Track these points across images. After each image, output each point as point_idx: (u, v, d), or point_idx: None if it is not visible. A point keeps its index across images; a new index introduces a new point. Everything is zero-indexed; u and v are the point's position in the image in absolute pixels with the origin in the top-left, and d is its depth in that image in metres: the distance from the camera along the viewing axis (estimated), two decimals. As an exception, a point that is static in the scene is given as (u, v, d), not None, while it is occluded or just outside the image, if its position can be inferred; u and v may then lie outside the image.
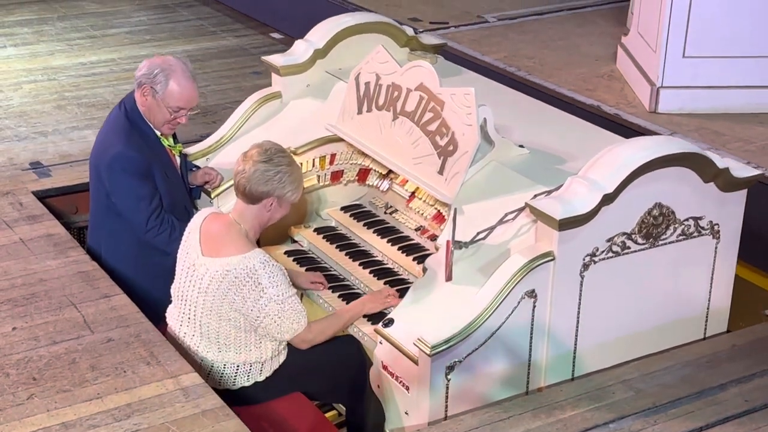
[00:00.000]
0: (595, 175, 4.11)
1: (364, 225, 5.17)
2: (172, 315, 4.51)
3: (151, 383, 4.10)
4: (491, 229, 4.28)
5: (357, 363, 4.53)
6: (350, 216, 5.27)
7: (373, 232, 5.09)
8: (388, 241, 5.00)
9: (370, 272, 4.88)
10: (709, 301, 4.66)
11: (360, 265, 4.94)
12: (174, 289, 4.47)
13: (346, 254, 5.04)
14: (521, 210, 4.26)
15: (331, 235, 5.21)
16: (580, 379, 4.39)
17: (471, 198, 4.46)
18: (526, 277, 4.04)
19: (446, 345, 3.96)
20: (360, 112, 5.01)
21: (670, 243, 4.32)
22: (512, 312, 4.06)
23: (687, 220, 4.32)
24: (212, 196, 5.21)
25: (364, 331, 4.52)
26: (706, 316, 4.71)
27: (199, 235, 4.28)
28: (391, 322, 4.23)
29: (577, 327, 4.25)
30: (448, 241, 4.25)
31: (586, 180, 4.10)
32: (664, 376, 4.39)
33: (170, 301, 4.54)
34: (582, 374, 4.40)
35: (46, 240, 5.14)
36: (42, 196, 5.67)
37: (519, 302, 4.06)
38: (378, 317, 4.42)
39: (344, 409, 4.61)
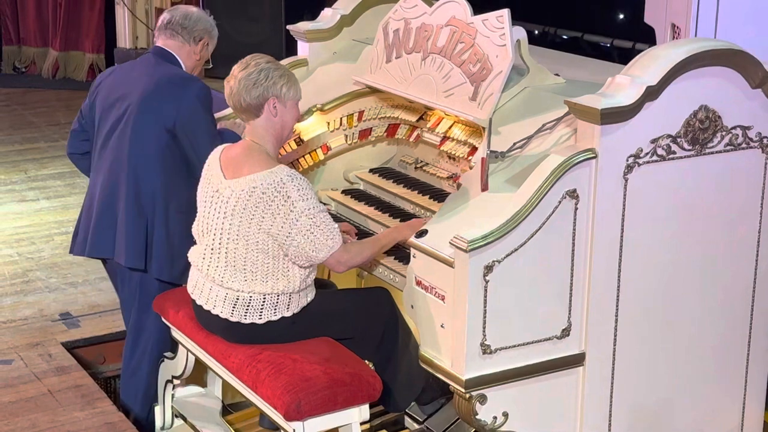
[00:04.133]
0: (638, 71, 3.91)
1: (394, 182, 4.98)
2: (194, 254, 4.33)
3: None
4: (528, 138, 4.08)
5: (388, 315, 4.35)
6: (379, 176, 5.08)
7: (403, 187, 4.90)
8: (419, 193, 4.81)
9: (401, 221, 4.66)
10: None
11: (391, 216, 4.74)
12: (195, 228, 4.32)
13: (376, 209, 4.85)
14: (560, 119, 4.06)
15: (360, 195, 5.03)
16: None
17: (506, 120, 4.27)
18: (567, 174, 3.80)
19: (484, 241, 3.71)
20: (389, 60, 4.87)
21: (717, 152, 4.09)
22: (553, 212, 3.82)
23: (735, 128, 4.09)
24: None
25: (396, 270, 4.29)
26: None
27: (219, 163, 4.18)
28: (424, 232, 4.01)
29: (622, 236, 3.99)
30: (482, 158, 4.06)
31: (629, 75, 3.90)
32: None
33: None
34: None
35: (74, 391, 5.07)
36: (71, 347, 5.62)
37: (560, 202, 3.82)
38: (408, 259, 4.18)
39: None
